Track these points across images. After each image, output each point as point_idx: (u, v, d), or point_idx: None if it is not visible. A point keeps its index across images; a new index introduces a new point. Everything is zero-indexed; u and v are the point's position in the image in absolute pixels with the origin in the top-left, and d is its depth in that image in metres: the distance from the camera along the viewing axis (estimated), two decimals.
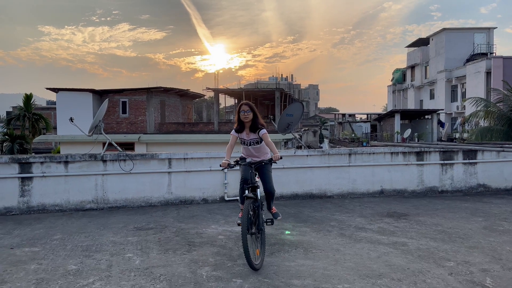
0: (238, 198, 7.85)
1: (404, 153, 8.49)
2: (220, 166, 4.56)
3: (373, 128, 35.95)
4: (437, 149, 8.57)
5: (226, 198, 7.81)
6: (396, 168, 8.46)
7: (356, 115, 58.80)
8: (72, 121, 7.28)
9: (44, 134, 29.96)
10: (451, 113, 39.81)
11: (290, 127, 8.04)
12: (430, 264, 4.27)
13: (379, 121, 33.66)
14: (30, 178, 7.16)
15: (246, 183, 4.55)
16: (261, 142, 4.82)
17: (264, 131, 4.75)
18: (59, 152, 25.52)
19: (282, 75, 78.27)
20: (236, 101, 37.19)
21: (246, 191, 4.47)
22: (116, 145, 7.49)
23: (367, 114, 52.90)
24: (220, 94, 30.17)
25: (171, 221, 6.38)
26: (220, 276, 3.97)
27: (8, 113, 55.33)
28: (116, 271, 4.19)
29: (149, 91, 24.91)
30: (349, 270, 4.14)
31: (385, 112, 39.75)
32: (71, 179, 7.30)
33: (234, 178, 7.66)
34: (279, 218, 4.98)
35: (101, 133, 7.33)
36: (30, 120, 29.21)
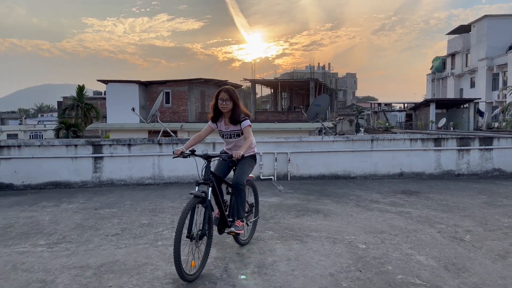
0: (271, 177, 8.98)
1: (422, 139, 9.36)
2: (173, 153, 3.91)
3: (409, 117, 35.97)
4: (454, 136, 9.37)
5: (261, 177, 9.04)
6: (415, 153, 9.36)
7: (393, 104, 58.26)
8: (134, 110, 8.73)
9: (94, 122, 32.46)
10: (492, 102, 38.98)
11: (318, 116, 9.12)
12: (424, 226, 5.30)
13: (414, 110, 33.70)
14: (101, 158, 8.71)
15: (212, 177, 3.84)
16: (242, 135, 4.17)
17: (247, 122, 4.11)
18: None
19: (319, 63, 78.29)
20: (272, 91, 38.26)
21: (197, 188, 3.69)
22: (170, 131, 8.88)
23: (403, 103, 52.41)
24: (256, 84, 31.38)
25: None
26: (257, 228, 5.20)
27: (59, 103, 59.28)
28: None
29: (190, 82, 26.49)
30: (358, 228, 5.25)
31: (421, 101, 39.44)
32: (133, 159, 8.79)
33: (268, 159, 8.90)
34: (233, 230, 4.02)
35: (158, 121, 8.73)
36: (82, 109, 31.76)
